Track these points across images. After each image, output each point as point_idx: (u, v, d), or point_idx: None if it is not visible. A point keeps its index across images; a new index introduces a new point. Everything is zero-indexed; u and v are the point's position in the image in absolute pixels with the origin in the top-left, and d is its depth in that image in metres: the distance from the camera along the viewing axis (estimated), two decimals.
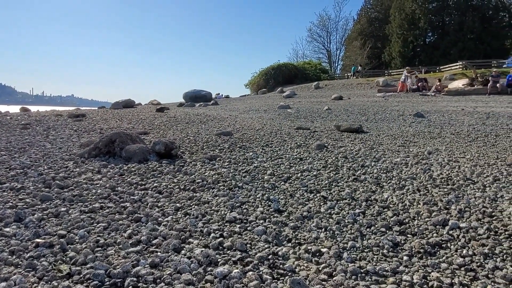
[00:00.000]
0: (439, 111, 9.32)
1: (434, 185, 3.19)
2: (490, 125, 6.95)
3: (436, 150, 4.81)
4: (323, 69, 44.16)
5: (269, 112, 10.73)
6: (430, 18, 42.82)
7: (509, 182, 3.25)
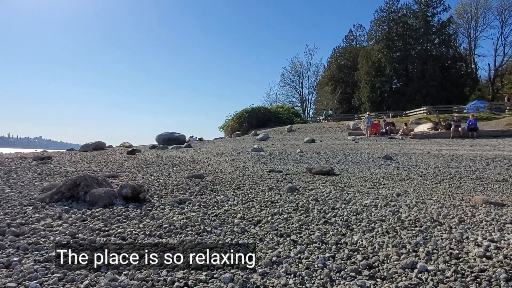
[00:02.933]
0: (406, 154, 9.64)
1: (403, 227, 3.22)
2: (455, 167, 7.23)
3: (404, 192, 4.91)
4: (296, 112, 45.34)
5: (242, 155, 10.75)
6: (395, 66, 45.55)
7: (474, 223, 3.33)
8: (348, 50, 58.68)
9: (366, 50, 49.54)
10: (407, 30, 46.56)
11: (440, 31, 45.97)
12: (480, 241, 2.81)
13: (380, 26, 49.85)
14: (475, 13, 49.18)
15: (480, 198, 4.31)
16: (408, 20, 47.31)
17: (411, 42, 46.46)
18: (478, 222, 3.36)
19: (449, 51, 45.78)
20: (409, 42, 46.44)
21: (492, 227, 3.19)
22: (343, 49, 60.11)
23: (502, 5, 47.17)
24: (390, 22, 47.96)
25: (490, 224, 3.30)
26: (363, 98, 48.08)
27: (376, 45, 47.97)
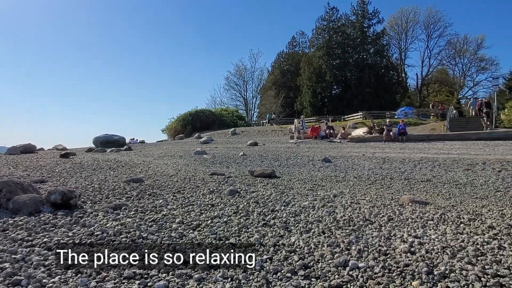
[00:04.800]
0: (344, 157, 10.12)
1: (338, 226, 3.36)
2: (386, 169, 7.72)
3: (340, 193, 5.13)
4: (240, 116, 45.59)
5: (185, 158, 10.56)
6: (334, 73, 47.68)
7: (401, 221, 3.57)
8: (291, 55, 60.35)
9: (308, 57, 51.32)
10: (346, 39, 49.07)
11: (375, 42, 49.09)
12: (405, 238, 3.02)
13: (321, 34, 51.96)
14: (405, 26, 53.37)
15: (407, 197, 4.64)
16: (346, 30, 49.88)
17: (349, 50, 49.01)
18: (404, 220, 3.61)
19: (382, 61, 49.05)
20: (348, 50, 48.95)
21: (417, 224, 3.45)
22: (286, 55, 61.69)
23: (428, 20, 51.82)
24: (330, 31, 50.22)
25: (415, 221, 3.56)
26: (305, 103, 49.68)
27: (317, 52, 49.90)
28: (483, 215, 3.82)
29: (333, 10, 51.20)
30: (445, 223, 3.51)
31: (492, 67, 50.69)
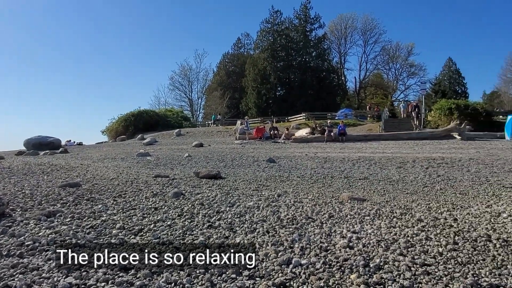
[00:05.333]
0: (287, 157, 10.38)
1: (281, 225, 3.44)
2: (327, 168, 8.05)
3: (284, 192, 5.25)
4: (185, 116, 44.84)
5: (127, 160, 10.16)
6: (279, 74, 48.75)
7: (340, 217, 3.74)
8: (236, 57, 60.65)
9: (253, 58, 51.94)
10: (289, 42, 50.42)
11: (317, 46, 51.04)
12: (345, 234, 3.17)
13: (266, 36, 52.87)
14: (344, 32, 56.14)
15: (347, 195, 4.87)
16: (290, 33, 51.27)
17: (293, 53, 50.43)
18: (344, 217, 3.78)
19: (324, 64, 51.15)
20: (291, 53, 50.33)
21: (355, 220, 3.64)
22: (231, 56, 61.88)
23: (364, 27, 54.98)
24: (275, 34, 51.29)
25: (353, 217, 3.75)
26: (250, 104, 50.20)
27: (262, 54, 50.68)
28: (413, 209, 4.13)
29: (277, 13, 52.40)
30: (380, 218, 3.74)
31: (420, 73, 55.27)
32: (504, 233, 3.18)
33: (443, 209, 4.12)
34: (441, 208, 4.17)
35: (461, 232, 3.22)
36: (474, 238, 3.05)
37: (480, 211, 4.00)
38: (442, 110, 21.38)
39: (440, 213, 3.95)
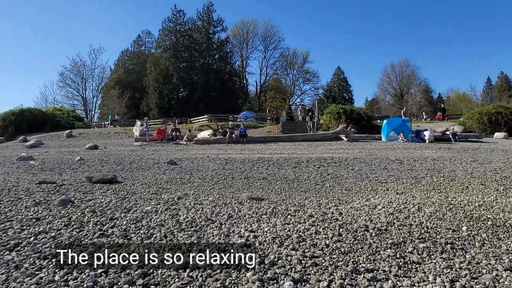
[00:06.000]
0: (189, 159, 10.25)
1: (180, 229, 3.38)
2: (229, 169, 8.18)
3: (185, 195, 5.18)
4: (78, 116, 40.97)
5: (5, 165, 8.91)
6: (181, 75, 47.96)
7: (239, 217, 3.83)
8: (136, 54, 57.87)
9: (154, 57, 50.15)
10: (192, 43, 49.98)
11: (220, 48, 51.60)
12: (242, 233, 3.26)
13: (168, 35, 51.55)
14: (246, 36, 57.86)
15: (246, 195, 5.01)
16: (193, 34, 50.84)
17: (196, 54, 50.12)
18: (242, 216, 3.89)
19: (227, 67, 51.99)
20: (194, 54, 49.96)
21: (253, 219, 3.76)
22: (131, 53, 58.85)
23: (265, 33, 57.42)
24: (177, 34, 50.32)
25: (251, 217, 3.88)
26: (151, 104, 48.33)
27: (164, 53, 49.25)
28: (306, 206, 4.44)
29: (180, 13, 51.55)
30: (276, 216, 3.93)
31: (314, 79, 60.04)
32: (379, 223, 3.62)
33: (331, 205, 4.51)
34: (330, 204, 4.56)
35: (344, 224, 3.58)
36: (355, 229, 3.41)
37: (361, 205, 4.49)
38: (332, 114, 23.47)
39: (328, 208, 4.32)
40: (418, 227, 3.51)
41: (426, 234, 3.29)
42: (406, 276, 2.43)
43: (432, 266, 2.60)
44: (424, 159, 9.71)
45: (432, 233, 3.32)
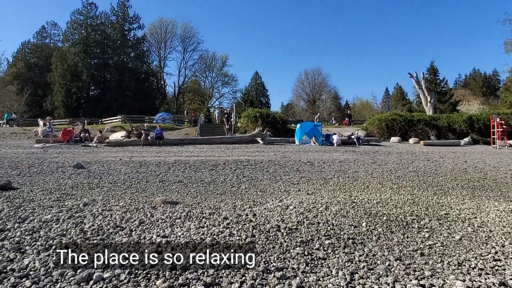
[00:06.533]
0: (99, 162, 9.58)
1: (85, 238, 3.13)
2: (143, 173, 7.83)
3: (93, 201, 4.82)
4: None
5: None
6: (93, 72, 44.68)
7: (152, 223, 3.69)
8: (40, 47, 52.45)
9: (61, 52, 45.95)
10: (105, 39, 46.92)
11: (136, 46, 49.30)
12: (154, 239, 3.15)
13: (77, 29, 47.73)
14: (164, 36, 56.18)
15: (160, 199, 4.85)
16: (106, 29, 47.75)
17: (109, 51, 47.15)
18: (155, 222, 3.75)
19: (143, 66, 49.87)
20: (107, 51, 46.95)
21: (166, 224, 3.65)
22: (34, 46, 53.17)
23: (184, 34, 56.39)
24: (88, 27, 46.83)
25: (165, 221, 3.76)
26: (57, 103, 44.17)
27: (72, 48, 45.43)
28: (221, 208, 4.45)
29: (92, 6, 48.15)
30: (190, 219, 3.87)
31: (233, 83, 60.72)
32: (290, 223, 3.78)
33: (246, 206, 4.59)
34: (244, 206, 4.64)
35: (258, 225, 3.67)
36: (268, 230, 3.52)
37: (274, 206, 4.65)
38: (249, 117, 24.00)
39: (243, 210, 4.39)
40: (325, 225, 3.76)
41: (331, 231, 3.53)
42: (313, 272, 2.58)
43: (335, 260, 2.80)
44: (332, 161, 10.44)
45: (336, 230, 3.58)
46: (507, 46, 29.58)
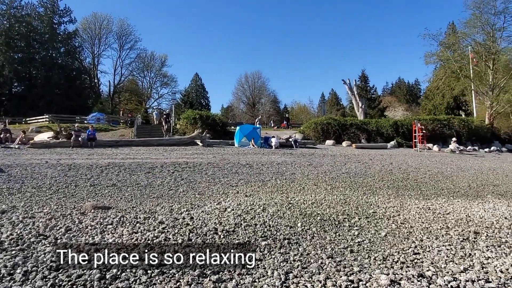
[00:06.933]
0: (22, 165, 8.76)
1: (1, 249, 2.84)
2: (72, 176, 7.31)
3: (12, 207, 4.41)
4: None
5: None
6: (16, 68, 40.76)
7: (80, 230, 3.46)
8: None
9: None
10: (31, 32, 43.09)
11: (66, 41, 45.95)
12: (82, 247, 2.95)
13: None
14: (98, 32, 53.16)
15: (90, 204, 4.57)
16: (32, 22, 43.88)
17: (36, 45, 43.38)
18: (84, 228, 3.52)
19: (74, 63, 46.63)
20: (34, 45, 43.16)
21: (96, 231, 3.45)
22: None
23: (120, 31, 53.86)
24: (12, 18, 42.65)
25: (95, 228, 3.55)
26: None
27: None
28: (157, 212, 4.32)
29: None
30: (123, 225, 3.70)
31: (172, 83, 59.22)
32: (227, 225, 3.78)
33: (183, 210, 4.50)
34: (182, 209, 4.55)
35: (195, 229, 3.61)
36: (205, 233, 3.48)
37: (212, 208, 4.62)
38: (189, 119, 23.58)
39: (180, 213, 4.30)
40: (262, 226, 3.81)
41: (268, 232, 3.59)
42: (249, 273, 2.60)
43: (271, 261, 2.85)
44: (271, 163, 10.64)
45: (273, 231, 3.65)
46: (427, 58, 32.39)
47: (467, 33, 30.53)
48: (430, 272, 2.72)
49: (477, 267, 2.87)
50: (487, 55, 28.60)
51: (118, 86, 55.11)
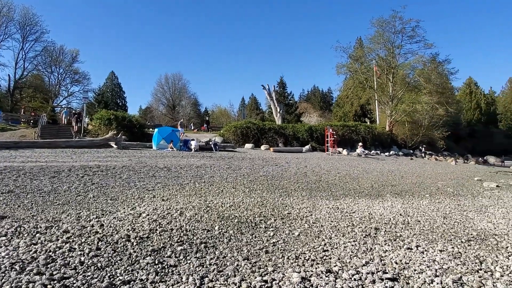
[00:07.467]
0: None
1: None
2: None
3: None
4: None
5: None
6: None
7: None
8: None
9: None
10: None
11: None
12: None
13: None
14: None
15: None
16: None
17: None
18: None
19: None
20: None
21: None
22: None
23: (23, 21, 48.20)
24: None
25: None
26: None
27: None
28: (61, 221, 3.95)
29: None
30: (20, 236, 3.31)
31: (85, 81, 54.70)
32: (142, 231, 3.61)
33: (92, 217, 4.19)
34: (91, 216, 4.23)
35: (105, 237, 3.38)
36: (116, 241, 3.28)
37: (125, 214, 4.38)
38: (102, 120, 22.10)
39: (89, 221, 3.99)
40: (178, 231, 3.72)
41: (184, 237, 3.52)
42: (163, 280, 2.51)
43: (187, 266, 2.79)
44: (190, 166, 10.46)
45: (190, 235, 3.58)
46: (338, 69, 35.08)
47: (372, 48, 33.91)
48: (337, 267, 2.92)
49: (376, 260, 3.16)
50: (388, 69, 32.01)
51: (20, 81, 49.15)
